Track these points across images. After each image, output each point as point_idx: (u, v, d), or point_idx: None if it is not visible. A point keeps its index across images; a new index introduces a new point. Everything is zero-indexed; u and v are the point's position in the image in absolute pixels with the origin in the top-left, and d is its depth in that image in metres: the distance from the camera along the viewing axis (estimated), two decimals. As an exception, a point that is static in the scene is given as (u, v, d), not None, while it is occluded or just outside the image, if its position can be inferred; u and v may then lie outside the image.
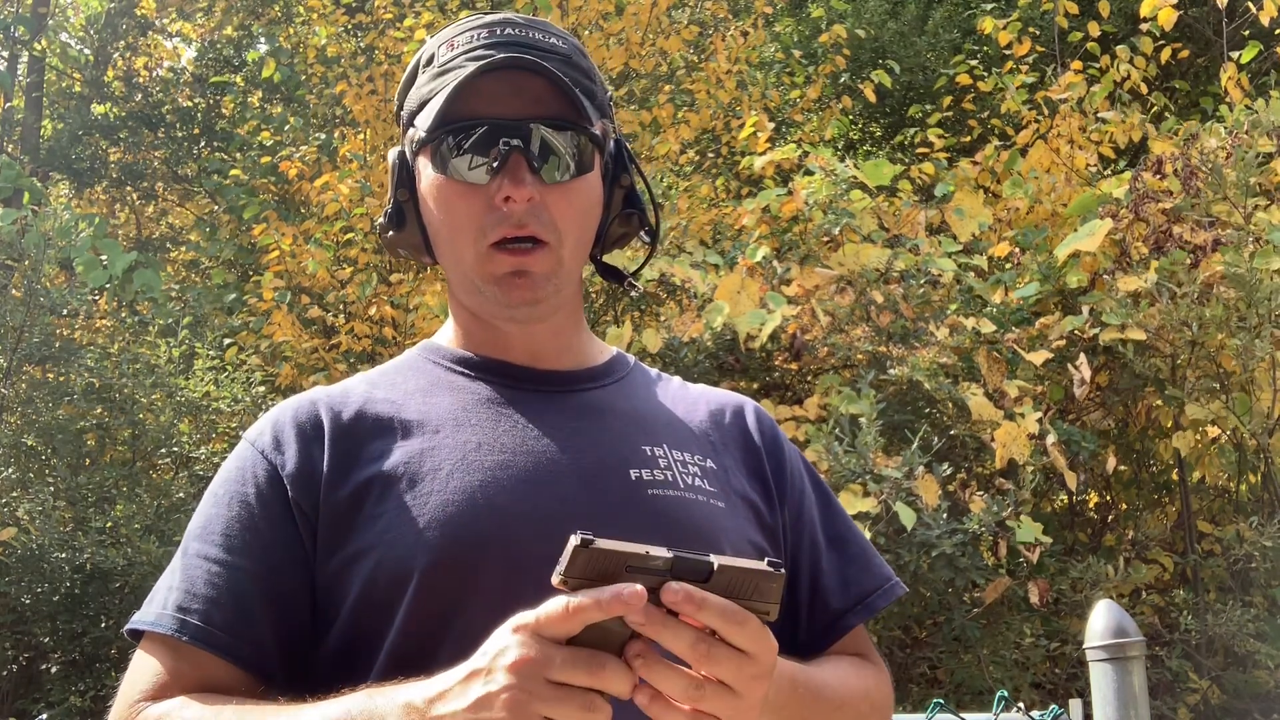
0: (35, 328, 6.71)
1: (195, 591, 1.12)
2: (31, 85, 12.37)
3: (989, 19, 7.30)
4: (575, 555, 0.88)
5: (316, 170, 7.93)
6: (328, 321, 7.28)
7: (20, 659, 6.27)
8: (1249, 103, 5.78)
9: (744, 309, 5.04)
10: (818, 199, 5.54)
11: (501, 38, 1.21)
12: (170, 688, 1.10)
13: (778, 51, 9.44)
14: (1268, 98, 5.57)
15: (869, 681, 1.27)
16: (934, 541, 4.50)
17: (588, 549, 0.88)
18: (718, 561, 0.91)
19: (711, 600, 0.89)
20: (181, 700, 1.08)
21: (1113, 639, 2.52)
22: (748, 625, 0.91)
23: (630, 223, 1.29)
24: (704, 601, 0.88)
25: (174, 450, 7.03)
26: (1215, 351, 5.16)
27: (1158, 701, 5.21)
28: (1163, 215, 5.35)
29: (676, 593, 0.88)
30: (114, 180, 12.19)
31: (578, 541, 0.88)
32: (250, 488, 1.16)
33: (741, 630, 0.90)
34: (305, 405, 1.21)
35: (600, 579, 0.89)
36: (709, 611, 0.89)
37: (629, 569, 0.89)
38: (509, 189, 1.15)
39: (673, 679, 0.91)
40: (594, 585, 0.88)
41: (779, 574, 0.92)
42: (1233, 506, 5.96)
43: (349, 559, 1.12)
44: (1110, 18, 7.43)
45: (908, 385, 5.03)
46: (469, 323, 1.27)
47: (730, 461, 1.28)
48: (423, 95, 1.22)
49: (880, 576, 1.33)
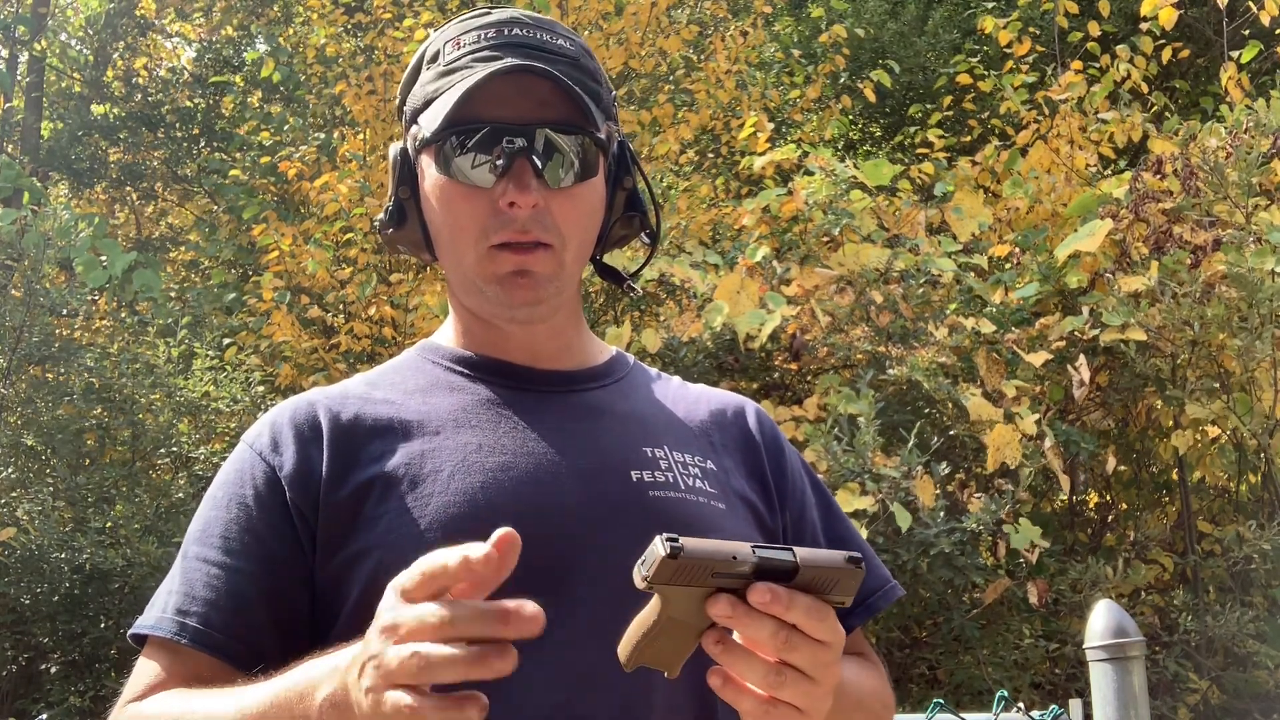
0: (35, 328, 6.71)
1: (194, 594, 1.12)
2: (31, 85, 12.37)
3: (989, 18, 7.30)
4: (663, 566, 0.88)
5: (316, 170, 7.93)
6: (327, 321, 7.27)
7: (20, 659, 6.27)
8: (1249, 103, 5.77)
9: (743, 309, 5.03)
10: (817, 199, 5.54)
11: (509, 38, 1.20)
12: (164, 688, 1.10)
13: (777, 51, 9.44)
14: (1268, 98, 5.57)
15: (876, 682, 1.28)
16: (932, 540, 4.50)
17: (676, 559, 0.88)
18: (801, 559, 0.92)
19: (798, 599, 0.90)
20: (164, 695, 1.08)
21: (1113, 639, 2.52)
22: (827, 617, 0.92)
23: (631, 224, 1.29)
24: (791, 600, 0.90)
25: (173, 450, 7.02)
26: (1216, 351, 5.15)
27: (1158, 701, 5.20)
28: (1163, 215, 5.35)
29: (764, 594, 0.89)
30: (113, 180, 12.19)
31: (665, 551, 0.87)
32: (249, 490, 1.16)
33: (821, 624, 0.92)
34: (303, 407, 1.21)
35: (687, 584, 0.90)
36: (797, 609, 0.90)
37: (715, 574, 0.90)
38: (514, 194, 1.15)
39: (754, 666, 0.92)
40: (681, 589, 0.89)
41: (860, 569, 0.94)
42: (1233, 507, 5.96)
43: (349, 560, 1.11)
44: (1110, 18, 7.43)
45: (907, 385, 5.02)
46: (469, 322, 1.27)
47: (730, 463, 1.28)
48: (427, 93, 1.21)
49: (879, 578, 1.34)
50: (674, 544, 0.87)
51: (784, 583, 0.91)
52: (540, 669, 1.05)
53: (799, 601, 0.90)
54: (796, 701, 0.93)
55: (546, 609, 1.03)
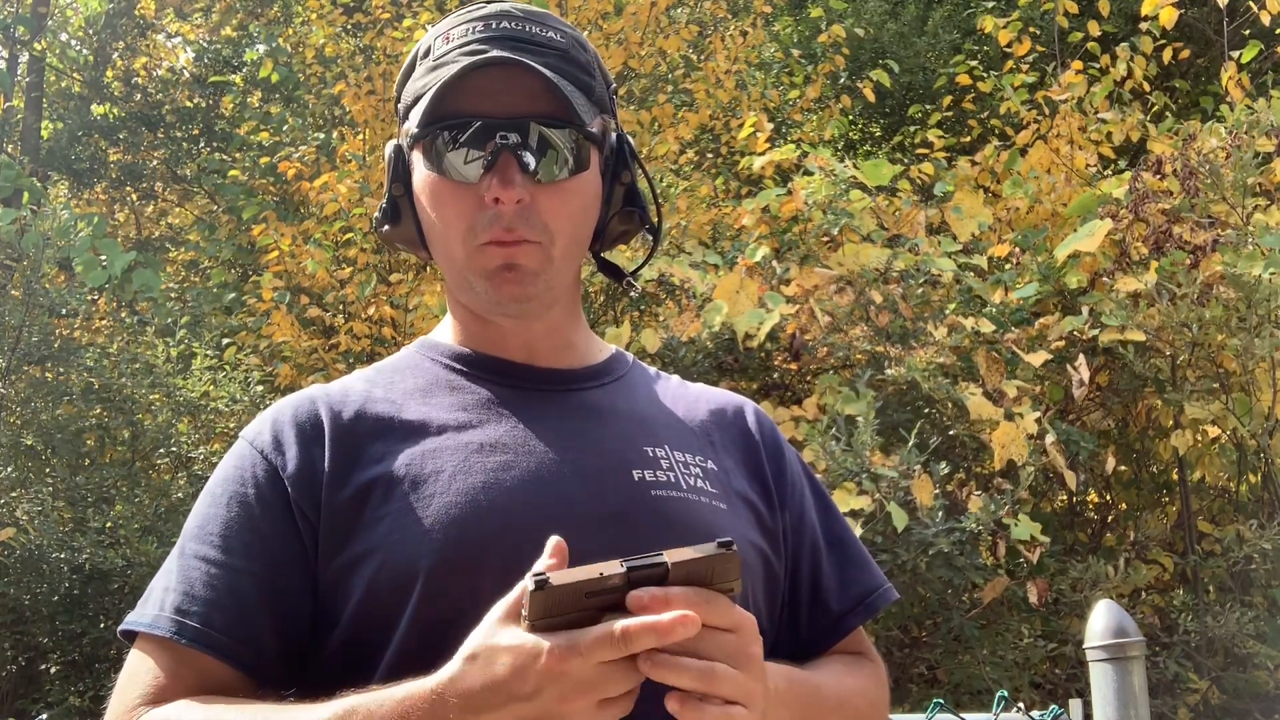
0: (34, 327, 6.71)
1: (194, 593, 1.11)
2: (31, 85, 12.37)
3: (989, 18, 7.29)
4: (534, 600, 0.91)
5: (315, 170, 7.93)
6: (327, 321, 7.27)
7: (20, 659, 6.27)
8: (1249, 103, 5.77)
9: (743, 309, 5.03)
10: (817, 199, 5.54)
11: (497, 31, 1.19)
12: (169, 690, 1.08)
13: (777, 51, 9.44)
14: (1268, 97, 5.56)
15: (866, 680, 1.28)
16: (931, 540, 4.49)
17: (544, 590, 0.91)
18: (670, 559, 0.94)
19: (674, 593, 0.92)
20: (184, 704, 1.06)
21: (1113, 639, 2.51)
22: (716, 603, 0.94)
23: (631, 220, 1.28)
24: (669, 597, 0.92)
25: (173, 450, 7.02)
26: (1215, 352, 5.15)
27: (1158, 701, 5.20)
28: (1162, 215, 5.34)
29: (641, 598, 0.92)
30: (113, 181, 12.19)
31: (532, 586, 0.91)
32: (250, 488, 1.15)
33: (712, 609, 0.94)
34: (304, 404, 1.20)
35: (565, 612, 0.92)
36: (677, 604, 0.92)
37: (588, 595, 0.92)
38: (498, 190, 1.14)
39: (682, 670, 0.93)
40: (560, 619, 0.92)
41: (732, 552, 0.95)
42: (1233, 507, 5.96)
43: (352, 561, 1.11)
44: (1110, 17, 7.42)
45: (906, 385, 5.02)
46: (466, 319, 1.27)
47: (731, 463, 1.27)
48: (417, 89, 1.21)
49: (878, 578, 1.34)
50: (538, 576, 0.91)
51: (659, 583, 0.93)
52: None
53: (675, 595, 0.92)
54: (735, 696, 0.95)
55: None
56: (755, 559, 1.22)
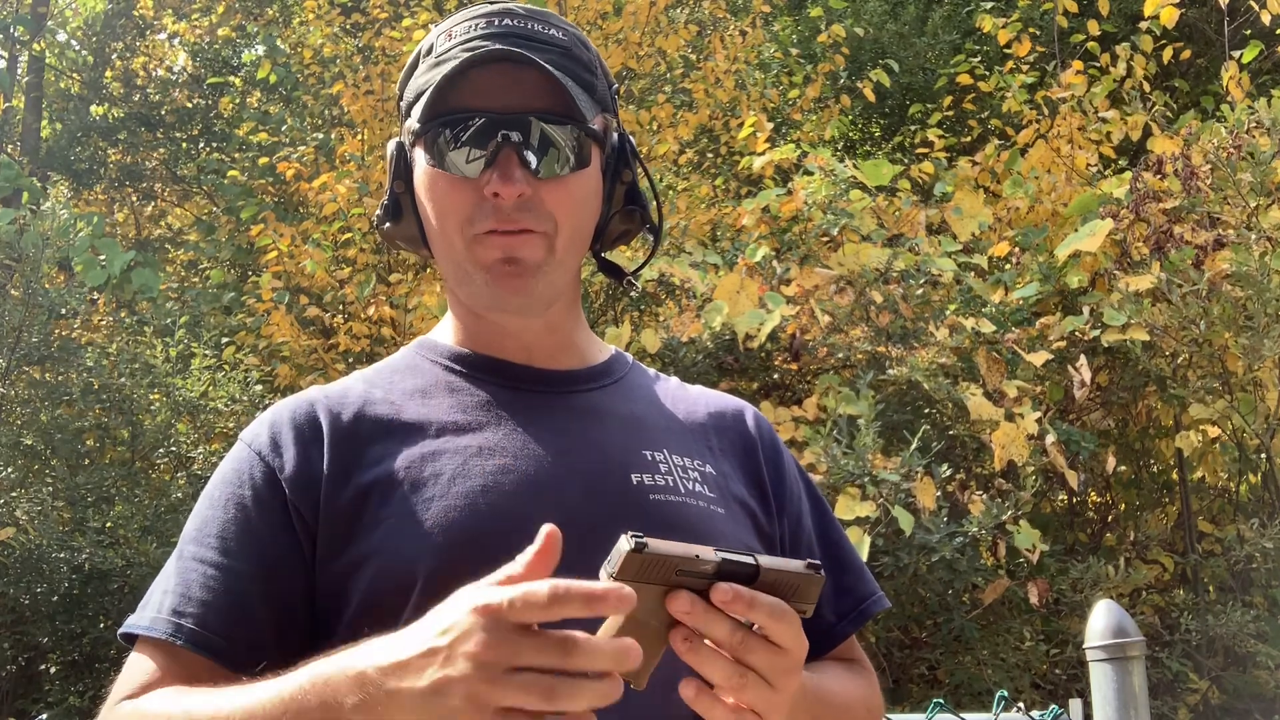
0: (34, 328, 6.70)
1: (191, 595, 1.11)
2: (31, 86, 12.37)
3: (987, 17, 7.29)
4: (628, 560, 0.89)
5: (314, 171, 7.92)
6: (326, 322, 7.27)
7: (20, 659, 6.26)
8: (1250, 102, 5.77)
9: (743, 309, 5.03)
10: (817, 199, 5.54)
11: (500, 28, 1.19)
12: (160, 687, 1.08)
13: (776, 51, 9.43)
14: (1269, 97, 5.56)
15: (864, 688, 1.28)
16: (934, 545, 4.49)
17: (641, 554, 0.89)
18: (762, 563, 0.94)
19: (760, 599, 0.91)
20: (159, 692, 1.07)
21: (1113, 639, 2.51)
22: (790, 622, 0.93)
23: (632, 219, 1.27)
24: (753, 600, 0.91)
25: (172, 450, 7.02)
26: (1219, 351, 5.15)
27: (1158, 702, 5.20)
28: (1163, 215, 5.34)
29: (726, 592, 0.90)
30: (113, 181, 12.19)
31: (631, 546, 0.89)
32: (248, 490, 1.14)
33: (783, 627, 0.93)
34: (303, 406, 1.19)
35: (651, 581, 0.91)
36: (759, 610, 0.91)
37: (679, 573, 0.91)
38: (498, 185, 1.14)
39: (718, 664, 0.92)
40: (643, 586, 0.90)
41: (819, 576, 0.96)
42: (1233, 506, 5.96)
43: (351, 564, 1.10)
44: (1110, 17, 7.42)
45: (907, 385, 5.02)
46: (466, 318, 1.26)
47: (729, 467, 1.27)
48: (419, 86, 1.21)
49: (871, 585, 1.35)
50: (639, 539, 0.89)
51: (746, 583, 0.93)
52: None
53: (761, 601, 0.91)
54: (756, 705, 0.94)
55: None
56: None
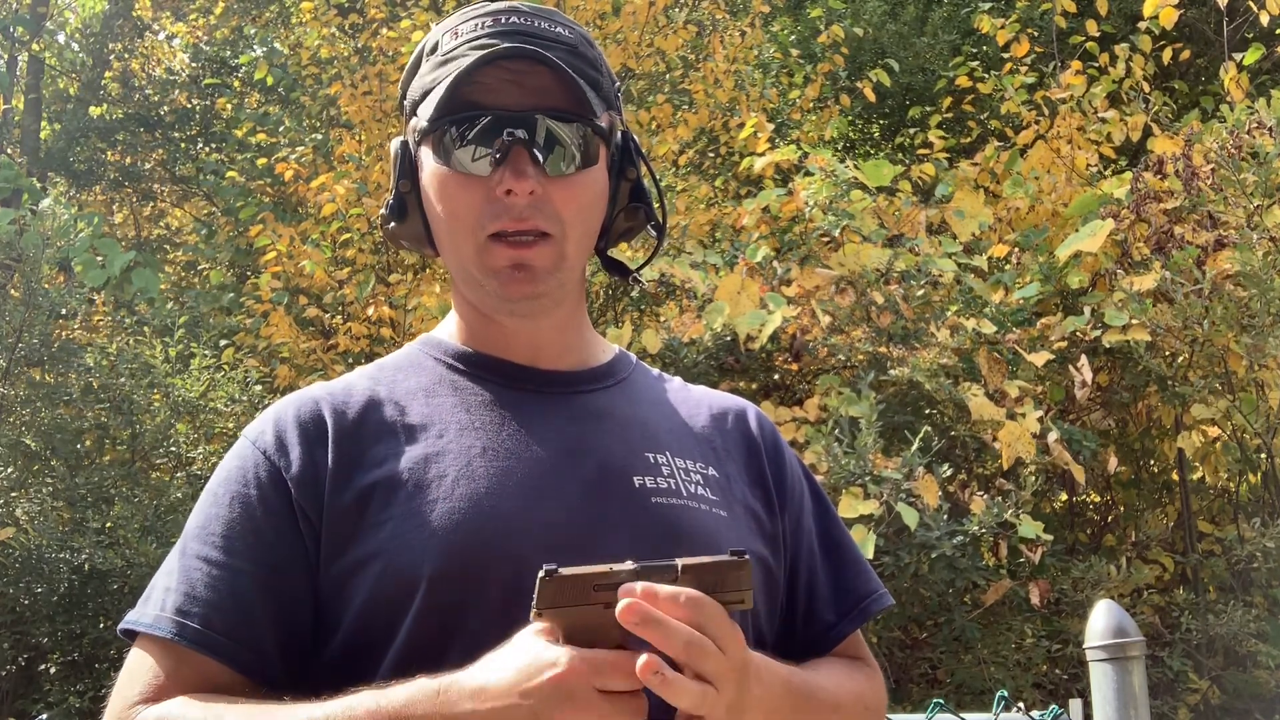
0: (34, 328, 6.70)
1: (195, 594, 1.10)
2: (30, 86, 12.37)
3: (986, 18, 7.29)
4: (543, 587, 0.92)
5: (313, 171, 7.92)
6: (325, 322, 7.26)
7: (20, 659, 6.26)
8: (1249, 103, 5.77)
9: (744, 309, 5.03)
10: (818, 199, 5.53)
11: (506, 26, 1.19)
12: (168, 691, 1.08)
13: (775, 51, 9.43)
14: (1268, 97, 5.56)
15: (862, 685, 1.27)
16: (934, 543, 4.49)
17: (554, 579, 0.92)
18: (681, 563, 0.94)
19: (663, 590, 0.92)
20: (182, 700, 1.06)
21: (1113, 639, 2.51)
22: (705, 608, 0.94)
23: (636, 216, 1.27)
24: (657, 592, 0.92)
25: (171, 451, 7.02)
26: (1221, 351, 5.15)
27: (1158, 701, 5.20)
28: (1164, 215, 5.34)
29: (632, 587, 0.92)
30: (111, 182, 12.19)
31: (543, 574, 0.92)
32: (252, 489, 1.14)
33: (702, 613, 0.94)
34: (307, 404, 1.19)
35: (572, 604, 0.93)
36: (665, 600, 0.92)
37: (596, 588, 0.93)
38: (510, 181, 1.13)
39: (688, 691, 0.93)
40: (567, 610, 0.93)
41: (744, 560, 0.95)
42: (1233, 506, 5.96)
43: (354, 565, 1.10)
44: (1109, 17, 7.42)
45: (908, 386, 5.02)
46: (471, 317, 1.26)
47: (733, 469, 1.27)
48: (425, 85, 1.20)
49: (873, 583, 1.34)
50: (549, 567, 0.92)
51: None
52: None
53: (664, 592, 0.92)
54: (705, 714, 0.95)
55: None
56: (756, 566, 1.21)
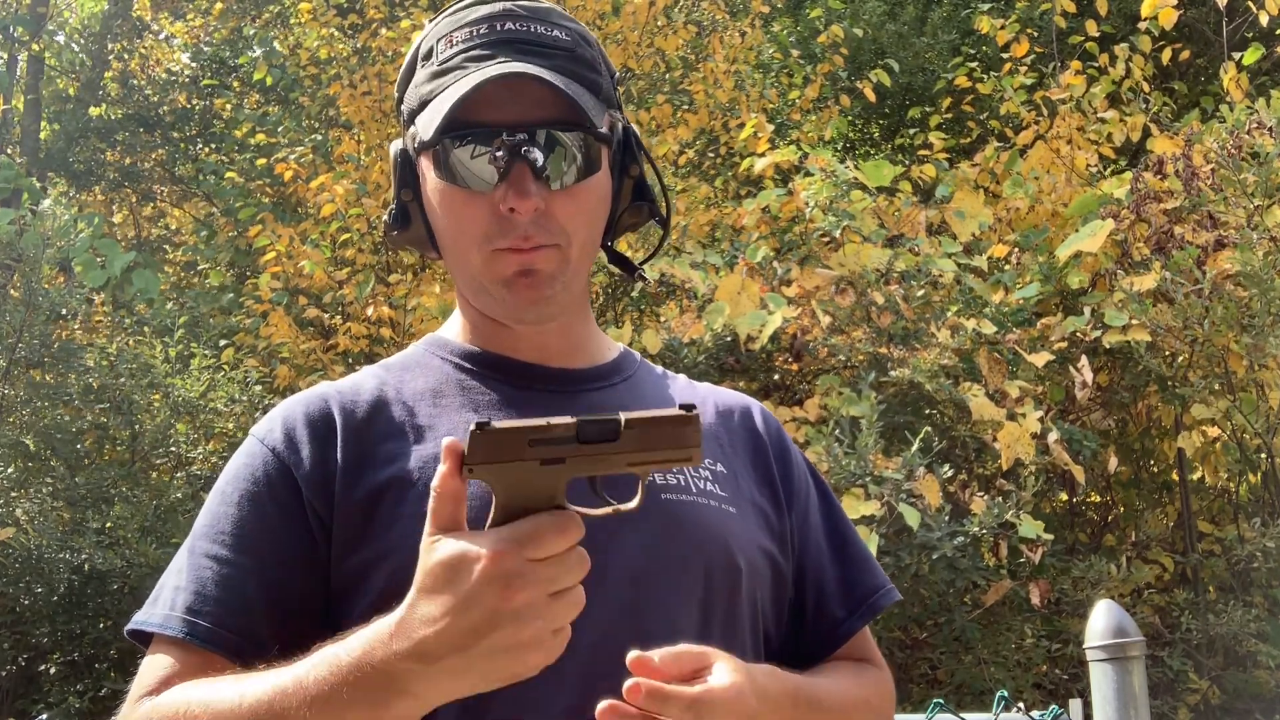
0: (34, 329, 6.70)
1: (205, 593, 1.10)
2: (30, 86, 12.37)
3: (985, 18, 7.29)
4: (474, 441, 0.90)
5: (312, 171, 7.92)
6: (325, 323, 7.26)
7: (20, 659, 6.26)
8: (1249, 103, 5.77)
9: (744, 310, 5.02)
10: (818, 200, 5.53)
11: (502, 34, 1.18)
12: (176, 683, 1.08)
13: (775, 52, 9.43)
14: (1268, 97, 5.56)
15: (869, 689, 1.27)
16: (935, 544, 4.49)
17: (486, 432, 0.90)
18: (625, 417, 0.93)
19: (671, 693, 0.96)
20: (180, 686, 1.06)
21: (1113, 639, 2.51)
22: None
23: (640, 212, 1.27)
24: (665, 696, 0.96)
25: (171, 451, 7.02)
26: (1220, 351, 5.15)
27: (1158, 701, 5.20)
28: (1164, 215, 5.34)
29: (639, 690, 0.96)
30: (111, 182, 12.18)
31: (474, 427, 0.90)
32: (262, 487, 1.14)
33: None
34: (316, 402, 1.19)
35: (506, 459, 0.91)
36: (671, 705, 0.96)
37: (531, 443, 0.91)
38: (513, 200, 1.13)
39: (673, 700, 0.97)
40: (501, 465, 0.91)
41: (693, 415, 0.94)
42: (1233, 507, 5.97)
43: (365, 563, 1.10)
44: (1108, 17, 7.42)
45: (908, 386, 5.02)
46: (477, 319, 1.26)
47: (740, 465, 1.27)
48: (422, 95, 1.19)
49: (880, 578, 1.34)
50: (481, 421, 0.91)
51: (610, 442, 0.92)
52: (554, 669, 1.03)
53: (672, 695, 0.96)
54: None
55: None
56: (764, 564, 1.22)
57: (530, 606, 0.90)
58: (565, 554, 0.92)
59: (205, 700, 1.02)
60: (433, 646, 0.92)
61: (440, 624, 0.91)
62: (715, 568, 1.16)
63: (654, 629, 1.09)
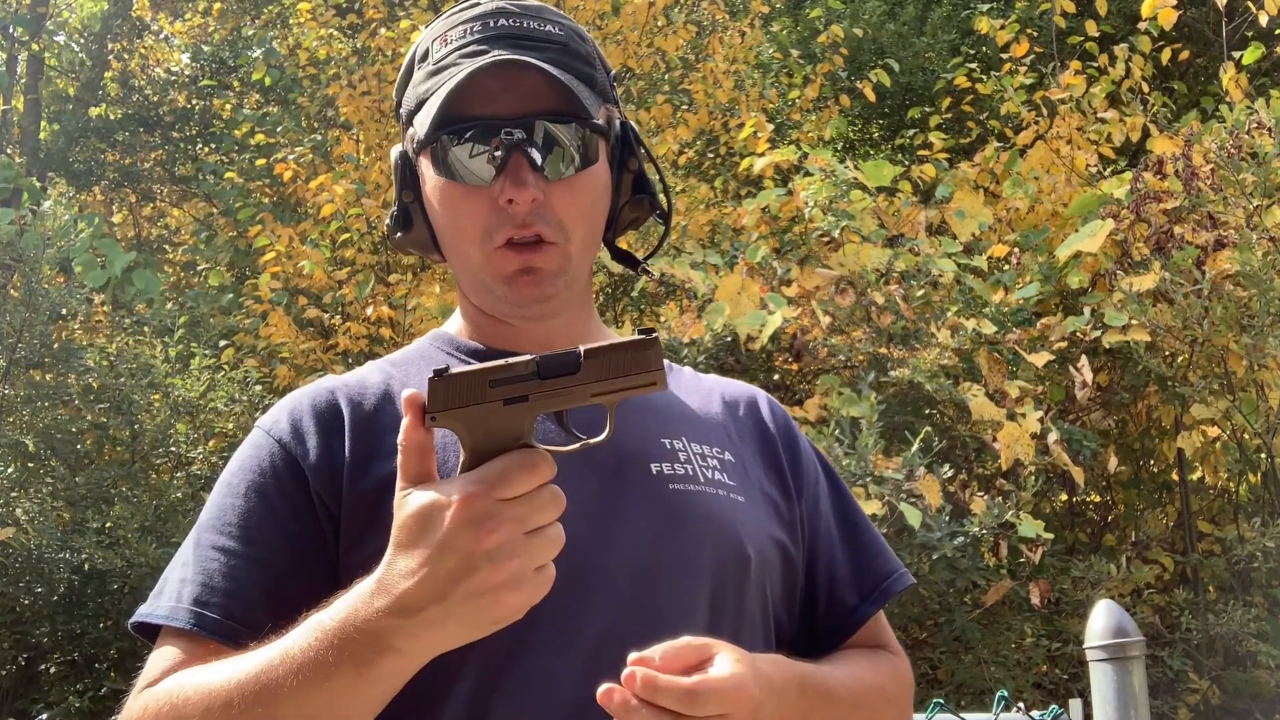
0: (34, 329, 6.69)
1: (213, 584, 1.10)
2: (30, 86, 12.37)
3: (984, 19, 7.29)
4: (434, 389, 0.90)
5: (311, 172, 7.92)
6: (325, 322, 7.26)
7: (20, 659, 6.26)
8: (1249, 103, 5.77)
9: (744, 310, 5.03)
10: (817, 200, 5.54)
11: (496, 30, 1.18)
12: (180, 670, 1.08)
13: (775, 52, 9.44)
14: (1268, 98, 5.57)
15: (884, 676, 1.26)
16: (935, 544, 4.49)
17: (444, 378, 0.90)
18: (584, 349, 0.93)
19: (665, 683, 0.94)
20: (179, 674, 1.06)
21: (1113, 639, 2.51)
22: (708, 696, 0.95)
23: (641, 207, 1.27)
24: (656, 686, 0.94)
25: (171, 451, 7.02)
26: (1220, 351, 5.15)
27: (1158, 701, 5.20)
28: (1164, 216, 5.35)
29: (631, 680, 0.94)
30: (111, 182, 12.18)
31: (432, 376, 0.90)
32: (269, 478, 1.13)
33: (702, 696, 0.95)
34: (323, 394, 1.19)
35: (468, 403, 0.91)
36: (664, 695, 0.94)
37: (493, 384, 0.91)
38: (511, 191, 1.13)
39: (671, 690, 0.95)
40: (464, 410, 0.91)
41: (653, 339, 0.94)
42: (1233, 506, 5.97)
43: (373, 555, 1.07)
44: (1108, 18, 7.42)
45: (908, 386, 5.02)
46: (479, 318, 1.26)
47: (748, 454, 1.27)
48: (419, 94, 1.20)
49: (893, 562, 1.33)
50: (438, 368, 0.90)
51: (571, 374, 0.92)
52: (561, 662, 1.05)
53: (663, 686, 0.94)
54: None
55: (567, 603, 1.03)
56: (774, 552, 1.22)
57: (504, 546, 0.90)
58: (537, 492, 0.91)
59: (198, 681, 1.02)
60: (413, 599, 0.91)
61: (419, 575, 0.91)
62: (725, 558, 1.15)
63: (662, 620, 1.08)
